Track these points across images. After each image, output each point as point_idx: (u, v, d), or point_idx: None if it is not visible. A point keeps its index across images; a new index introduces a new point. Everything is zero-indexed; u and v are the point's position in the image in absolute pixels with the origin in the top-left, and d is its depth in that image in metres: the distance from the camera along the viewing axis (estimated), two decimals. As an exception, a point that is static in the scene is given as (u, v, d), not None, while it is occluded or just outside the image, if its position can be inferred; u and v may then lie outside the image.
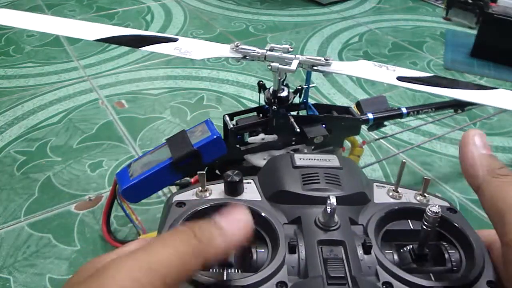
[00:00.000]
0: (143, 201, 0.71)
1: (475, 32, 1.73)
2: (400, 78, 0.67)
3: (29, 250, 0.89)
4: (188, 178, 0.75)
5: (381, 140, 1.19)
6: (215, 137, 0.68)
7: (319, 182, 0.30)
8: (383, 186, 0.32)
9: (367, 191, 0.31)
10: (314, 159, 0.32)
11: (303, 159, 0.32)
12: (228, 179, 0.30)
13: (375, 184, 0.32)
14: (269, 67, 0.66)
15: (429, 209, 0.26)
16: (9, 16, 0.69)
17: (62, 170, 1.09)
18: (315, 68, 0.67)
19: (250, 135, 0.76)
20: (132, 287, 0.18)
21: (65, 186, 1.04)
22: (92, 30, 0.69)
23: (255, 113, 0.78)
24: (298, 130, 0.72)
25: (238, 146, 0.75)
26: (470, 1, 1.90)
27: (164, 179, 0.69)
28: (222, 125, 0.76)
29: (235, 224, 0.22)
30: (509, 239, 0.21)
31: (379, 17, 2.01)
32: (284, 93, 0.71)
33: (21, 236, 0.92)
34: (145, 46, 0.68)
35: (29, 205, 0.99)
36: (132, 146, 1.18)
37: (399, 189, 0.31)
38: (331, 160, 0.32)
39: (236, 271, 0.26)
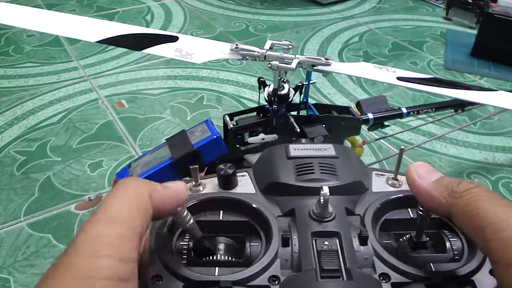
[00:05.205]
0: (143, 201, 0.71)
1: (475, 32, 1.73)
2: (400, 79, 0.67)
3: (29, 250, 0.89)
4: (188, 178, 0.74)
5: (381, 140, 1.19)
6: (215, 137, 0.68)
7: (313, 172, 0.29)
8: (382, 175, 0.31)
9: (364, 180, 0.30)
10: (309, 149, 0.31)
11: (297, 149, 0.31)
12: (221, 173, 0.29)
13: (374, 172, 0.31)
14: (269, 65, 0.66)
15: None
16: (9, 11, 0.69)
17: (62, 170, 1.09)
18: (315, 67, 0.67)
19: (250, 135, 0.76)
20: (103, 245, 0.19)
21: (65, 186, 1.04)
22: (91, 30, 0.68)
23: (255, 113, 0.78)
24: (298, 130, 0.72)
25: (238, 146, 0.75)
26: (470, 1, 1.90)
27: (164, 179, 0.68)
28: (222, 125, 0.76)
29: (170, 191, 0.26)
30: (497, 257, 0.20)
31: (379, 17, 2.01)
32: (284, 91, 0.71)
33: (21, 236, 0.92)
34: (146, 48, 0.67)
35: (29, 205, 0.99)
36: (132, 146, 1.18)
37: (399, 177, 0.30)
38: (327, 149, 0.31)
39: (228, 258, 0.26)
